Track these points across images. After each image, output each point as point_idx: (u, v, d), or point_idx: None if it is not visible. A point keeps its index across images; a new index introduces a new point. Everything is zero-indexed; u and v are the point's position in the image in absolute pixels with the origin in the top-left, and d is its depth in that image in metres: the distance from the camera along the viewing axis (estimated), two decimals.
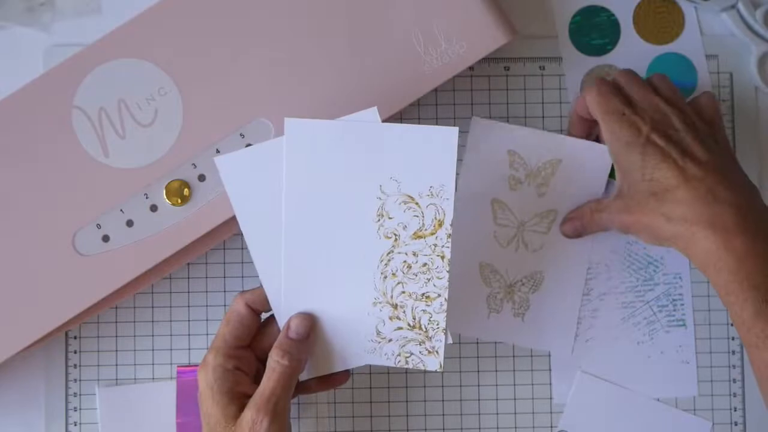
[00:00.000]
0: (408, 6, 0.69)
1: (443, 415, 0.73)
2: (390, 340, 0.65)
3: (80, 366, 0.72)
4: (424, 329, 0.65)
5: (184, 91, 0.68)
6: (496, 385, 0.74)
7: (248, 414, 0.61)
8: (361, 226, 0.64)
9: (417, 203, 0.64)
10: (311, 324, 0.64)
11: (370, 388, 0.74)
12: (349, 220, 0.63)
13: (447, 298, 0.64)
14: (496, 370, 0.74)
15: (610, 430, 0.73)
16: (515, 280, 0.73)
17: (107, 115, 0.68)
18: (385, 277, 0.64)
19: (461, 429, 0.73)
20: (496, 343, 0.73)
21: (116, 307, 0.72)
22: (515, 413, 0.73)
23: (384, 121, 0.63)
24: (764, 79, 0.75)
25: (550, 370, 0.73)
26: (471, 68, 0.72)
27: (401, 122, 0.73)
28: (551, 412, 0.73)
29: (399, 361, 0.65)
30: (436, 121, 0.74)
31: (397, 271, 0.64)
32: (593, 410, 0.73)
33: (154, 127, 0.68)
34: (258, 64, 0.68)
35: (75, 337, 0.72)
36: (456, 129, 0.62)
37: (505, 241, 0.73)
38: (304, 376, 0.66)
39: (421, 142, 0.63)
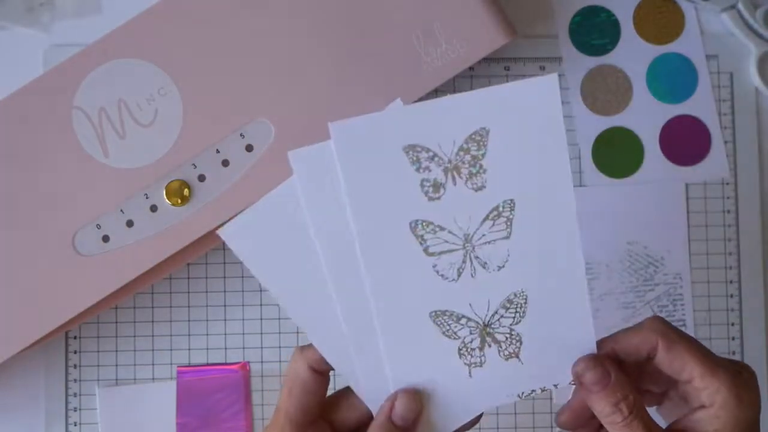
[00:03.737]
0: (408, 6, 0.69)
1: None
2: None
3: (80, 366, 0.72)
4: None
5: (184, 91, 0.68)
6: None
7: None
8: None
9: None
10: (421, 405, 0.51)
11: None
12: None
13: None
14: None
15: None
16: (489, 314, 0.53)
17: (107, 115, 0.68)
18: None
19: None
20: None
21: (116, 307, 0.72)
22: (515, 413, 0.73)
23: None
24: (764, 79, 0.75)
25: None
26: (471, 68, 0.72)
27: None
28: (551, 412, 0.73)
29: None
30: None
31: None
32: None
33: (154, 127, 0.68)
34: (258, 64, 0.68)
35: (75, 337, 0.72)
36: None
37: (454, 271, 0.52)
38: None
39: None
